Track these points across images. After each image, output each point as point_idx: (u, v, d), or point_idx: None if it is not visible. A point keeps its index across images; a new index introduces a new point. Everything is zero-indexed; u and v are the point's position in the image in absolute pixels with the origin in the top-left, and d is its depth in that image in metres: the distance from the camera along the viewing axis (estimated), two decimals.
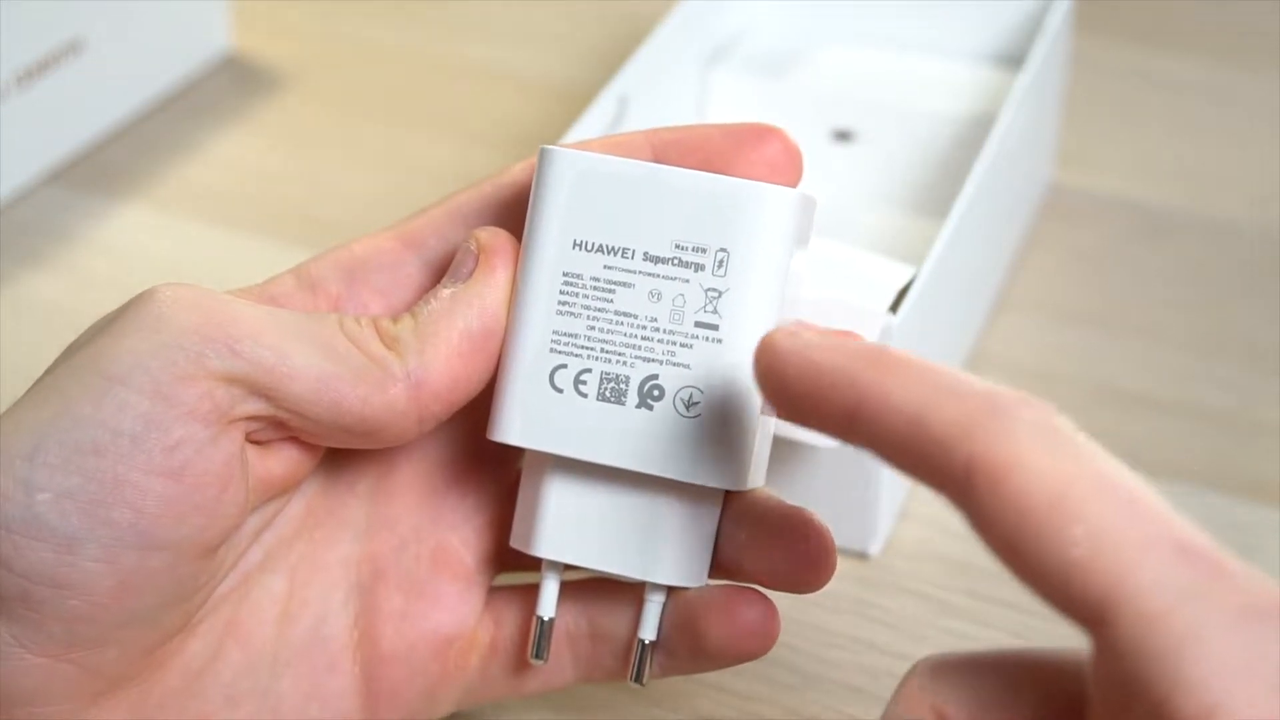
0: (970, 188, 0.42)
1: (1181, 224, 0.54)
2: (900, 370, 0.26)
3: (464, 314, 0.31)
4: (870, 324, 0.38)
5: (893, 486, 0.41)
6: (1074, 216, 0.55)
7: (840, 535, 0.41)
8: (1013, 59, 0.54)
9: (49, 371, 0.30)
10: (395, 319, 0.31)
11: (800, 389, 0.27)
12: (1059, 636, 0.30)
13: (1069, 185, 0.56)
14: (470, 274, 0.32)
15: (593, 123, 0.45)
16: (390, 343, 0.31)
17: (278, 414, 0.30)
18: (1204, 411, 0.46)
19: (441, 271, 0.33)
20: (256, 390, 0.29)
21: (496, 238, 0.32)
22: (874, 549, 0.42)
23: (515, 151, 0.57)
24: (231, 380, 0.29)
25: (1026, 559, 0.24)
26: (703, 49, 0.53)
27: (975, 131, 0.49)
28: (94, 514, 0.28)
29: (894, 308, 0.38)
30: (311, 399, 0.30)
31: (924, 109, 0.52)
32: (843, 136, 0.52)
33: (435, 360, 0.31)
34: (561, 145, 0.32)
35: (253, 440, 0.30)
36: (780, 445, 0.34)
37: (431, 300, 0.31)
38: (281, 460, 0.31)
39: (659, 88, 0.49)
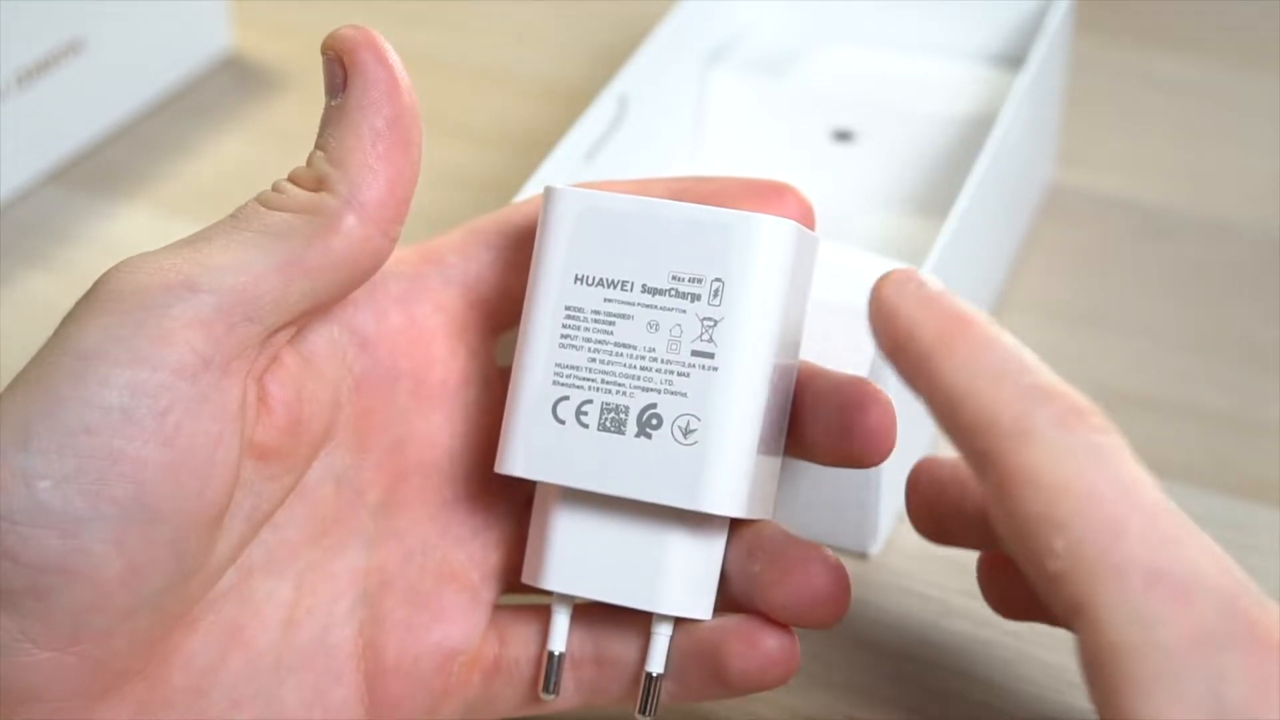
0: (970, 188, 0.42)
1: (1181, 224, 0.54)
2: (965, 346, 0.28)
3: (361, 119, 0.31)
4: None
5: (893, 487, 0.41)
6: (1074, 216, 0.55)
7: (840, 535, 0.41)
8: (1013, 59, 0.54)
9: (21, 371, 0.29)
10: (306, 164, 0.31)
11: (884, 336, 0.29)
12: (1059, 637, 0.30)
13: (1069, 185, 0.56)
14: (345, 82, 0.31)
15: (593, 123, 0.45)
16: (315, 184, 0.30)
17: (261, 327, 0.29)
18: (1204, 411, 0.46)
19: (462, 287, 0.34)
20: (231, 319, 0.29)
21: (349, 34, 0.31)
22: (874, 549, 0.41)
23: (515, 151, 0.57)
24: (203, 323, 0.29)
25: (1019, 558, 0.26)
26: (703, 49, 0.53)
27: (975, 131, 0.49)
28: (97, 493, 0.28)
29: None
30: (282, 286, 0.29)
31: (924, 109, 0.52)
32: (843, 136, 0.52)
33: (362, 173, 0.30)
34: (575, 186, 0.32)
35: (256, 376, 0.30)
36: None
37: (326, 125, 0.31)
38: (268, 430, 0.31)
39: (659, 88, 0.49)
